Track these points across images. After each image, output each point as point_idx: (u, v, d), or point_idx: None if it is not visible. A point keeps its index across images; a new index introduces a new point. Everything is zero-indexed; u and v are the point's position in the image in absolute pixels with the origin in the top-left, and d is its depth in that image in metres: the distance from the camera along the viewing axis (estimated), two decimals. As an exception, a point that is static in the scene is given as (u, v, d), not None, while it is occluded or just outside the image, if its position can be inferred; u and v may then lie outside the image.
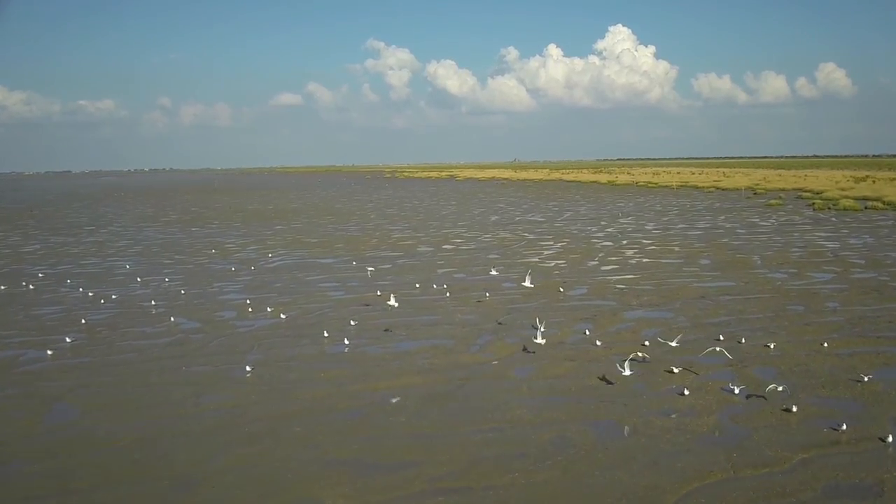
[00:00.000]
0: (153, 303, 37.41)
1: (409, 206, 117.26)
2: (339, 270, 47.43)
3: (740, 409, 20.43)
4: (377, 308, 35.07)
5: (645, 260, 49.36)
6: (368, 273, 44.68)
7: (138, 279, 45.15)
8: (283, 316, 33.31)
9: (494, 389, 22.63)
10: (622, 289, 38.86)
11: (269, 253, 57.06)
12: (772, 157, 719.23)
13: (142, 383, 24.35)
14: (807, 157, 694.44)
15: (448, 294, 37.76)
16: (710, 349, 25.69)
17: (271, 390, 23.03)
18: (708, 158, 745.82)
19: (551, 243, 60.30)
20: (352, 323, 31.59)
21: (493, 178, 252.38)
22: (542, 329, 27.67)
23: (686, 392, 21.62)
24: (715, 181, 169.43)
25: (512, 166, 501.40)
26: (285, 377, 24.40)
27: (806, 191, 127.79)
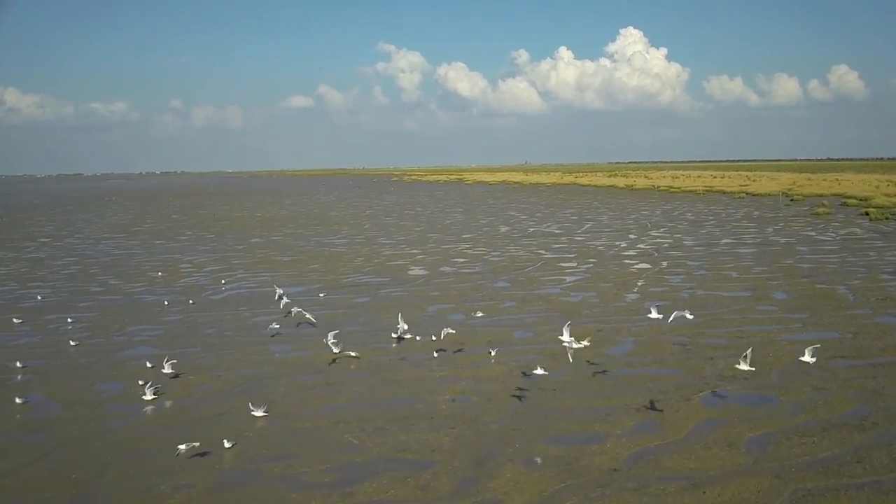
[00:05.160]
0: (20, 364, 26.32)
1: (411, 213, 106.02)
2: (300, 306, 36.23)
3: None
4: (329, 378, 23.92)
5: (700, 292, 37.91)
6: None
7: (15, 320, 33.97)
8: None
9: None
10: (684, 344, 27.48)
11: (223, 278, 45.86)
12: (785, 160, 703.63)
13: None
14: (821, 159, 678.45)
15: (436, 353, 26.44)
16: None
17: None
18: (720, 161, 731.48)
19: (574, 265, 48.91)
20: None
21: (504, 181, 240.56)
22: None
23: None
24: (742, 185, 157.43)
25: (523, 169, 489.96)
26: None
27: (848, 197, 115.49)
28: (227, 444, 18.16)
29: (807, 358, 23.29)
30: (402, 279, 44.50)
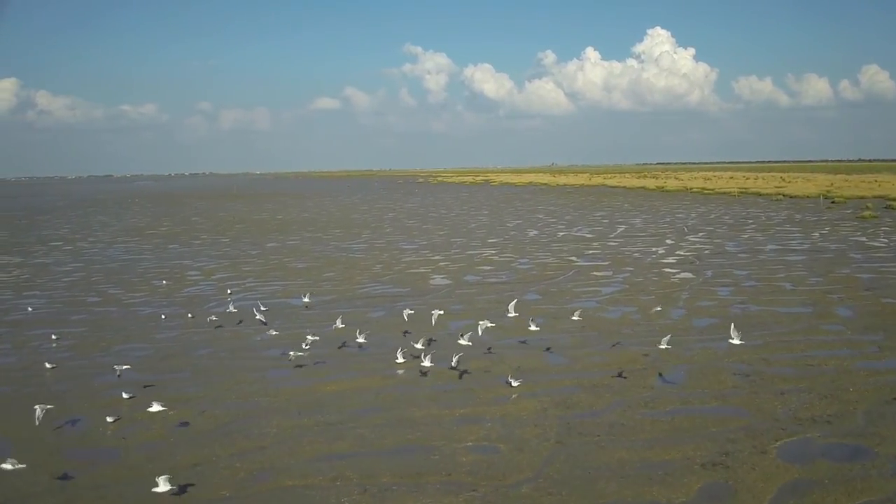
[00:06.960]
0: (-17, 392, 23.20)
1: (435, 216, 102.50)
2: (307, 320, 32.86)
3: None
4: (330, 416, 20.40)
5: (753, 308, 33.88)
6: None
7: None
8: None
9: None
10: (746, 374, 23.53)
11: (230, 287, 42.58)
12: (816, 161, 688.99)
13: None
14: (852, 160, 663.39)
15: (459, 378, 22.73)
16: None
17: None
18: (749, 162, 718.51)
19: (609, 273, 45.02)
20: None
21: (531, 182, 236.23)
22: None
23: None
24: (777, 187, 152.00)
25: (550, 170, 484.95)
26: None
27: (891, 199, 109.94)
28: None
29: (735, 340, 24.43)
30: (422, 289, 40.93)
